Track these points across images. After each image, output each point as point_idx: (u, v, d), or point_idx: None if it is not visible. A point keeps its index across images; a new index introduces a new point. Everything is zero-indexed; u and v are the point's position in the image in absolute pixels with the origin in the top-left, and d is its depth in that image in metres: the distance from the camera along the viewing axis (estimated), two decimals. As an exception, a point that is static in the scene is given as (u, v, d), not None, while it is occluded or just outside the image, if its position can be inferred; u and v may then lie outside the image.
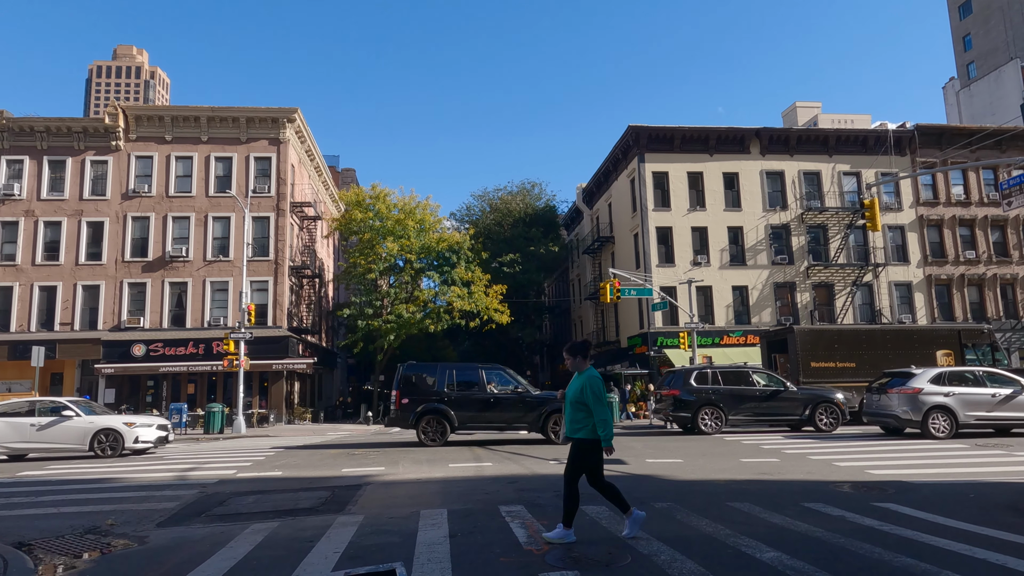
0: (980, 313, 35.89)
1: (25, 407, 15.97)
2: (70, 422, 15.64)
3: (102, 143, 32.56)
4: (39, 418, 15.56)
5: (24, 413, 15.76)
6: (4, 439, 15.34)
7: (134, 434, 15.79)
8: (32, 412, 15.77)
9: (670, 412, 18.47)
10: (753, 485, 9.22)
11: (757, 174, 36.05)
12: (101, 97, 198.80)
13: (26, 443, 15.45)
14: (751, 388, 18.24)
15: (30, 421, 15.50)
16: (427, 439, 15.81)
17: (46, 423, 15.51)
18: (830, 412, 17.76)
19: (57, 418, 15.60)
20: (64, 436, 15.54)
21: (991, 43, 56.32)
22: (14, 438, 15.40)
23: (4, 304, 31.09)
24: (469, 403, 16.14)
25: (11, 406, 16.13)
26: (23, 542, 6.51)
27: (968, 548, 5.54)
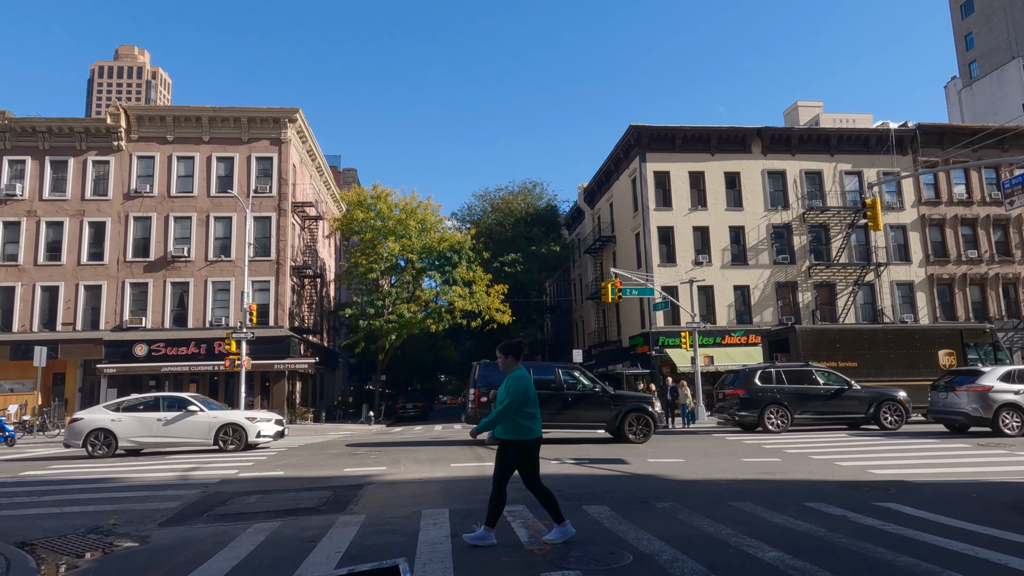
0: (982, 313, 35.82)
1: (151, 401, 16.29)
2: (195, 417, 15.92)
3: (104, 143, 32.60)
4: (165, 413, 15.86)
5: (150, 408, 16.04)
6: (132, 434, 15.64)
7: (256, 428, 16.12)
8: (157, 407, 16.08)
9: (735, 412, 18.31)
10: (755, 485, 9.21)
11: (759, 173, 36.01)
12: (103, 97, 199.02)
13: (153, 437, 15.75)
14: (815, 387, 18.19)
15: (156, 416, 15.79)
16: None
17: (172, 418, 15.80)
18: (894, 410, 17.72)
19: (183, 413, 15.88)
20: (190, 431, 15.81)
21: (993, 42, 56.21)
22: (142, 432, 15.70)
23: (6, 304, 31.14)
24: (547, 402, 15.84)
25: (136, 401, 16.47)
26: (26, 542, 6.52)
27: (970, 548, 5.53)
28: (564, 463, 12.06)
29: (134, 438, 15.63)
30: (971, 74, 57.94)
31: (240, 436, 15.92)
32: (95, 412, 16.10)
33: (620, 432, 15.92)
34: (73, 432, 15.61)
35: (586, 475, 10.50)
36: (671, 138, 35.58)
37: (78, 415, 16.10)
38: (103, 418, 15.69)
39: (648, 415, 16.01)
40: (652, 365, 32.91)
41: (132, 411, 15.91)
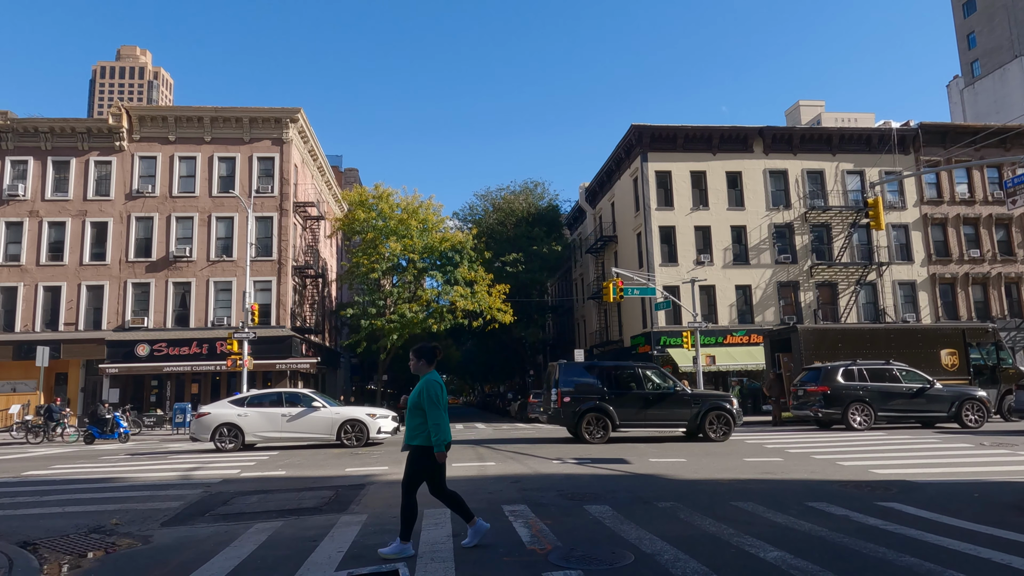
0: (985, 312, 35.77)
1: (273, 397, 16.56)
2: (318, 413, 16.12)
3: (106, 143, 32.65)
4: (289, 408, 16.13)
5: (273, 403, 16.30)
6: (258, 429, 15.91)
7: (377, 425, 16.29)
8: (280, 402, 16.33)
9: (819, 408, 18.34)
10: (756, 484, 9.21)
11: (760, 173, 35.98)
12: (105, 98, 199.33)
13: (278, 432, 16.00)
14: (898, 385, 18.28)
15: (281, 411, 16.06)
16: (590, 437, 15.87)
17: (296, 413, 16.04)
18: (976, 409, 17.76)
19: (307, 409, 16.14)
20: (313, 426, 16.04)
21: (995, 41, 56.12)
22: (267, 428, 15.97)
23: (9, 304, 31.20)
24: (629, 401, 16.20)
25: (259, 396, 16.73)
26: (28, 541, 6.54)
27: (973, 548, 5.53)
28: (565, 463, 12.06)
29: (259, 433, 15.96)
30: (973, 73, 57.85)
31: (362, 432, 16.16)
32: (221, 407, 16.30)
33: (701, 430, 16.06)
34: (201, 426, 15.90)
35: (588, 475, 10.50)
36: (673, 138, 35.55)
37: (204, 409, 16.42)
38: (230, 413, 15.96)
39: (728, 413, 16.11)
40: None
41: (256, 406, 16.21)
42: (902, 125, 38.56)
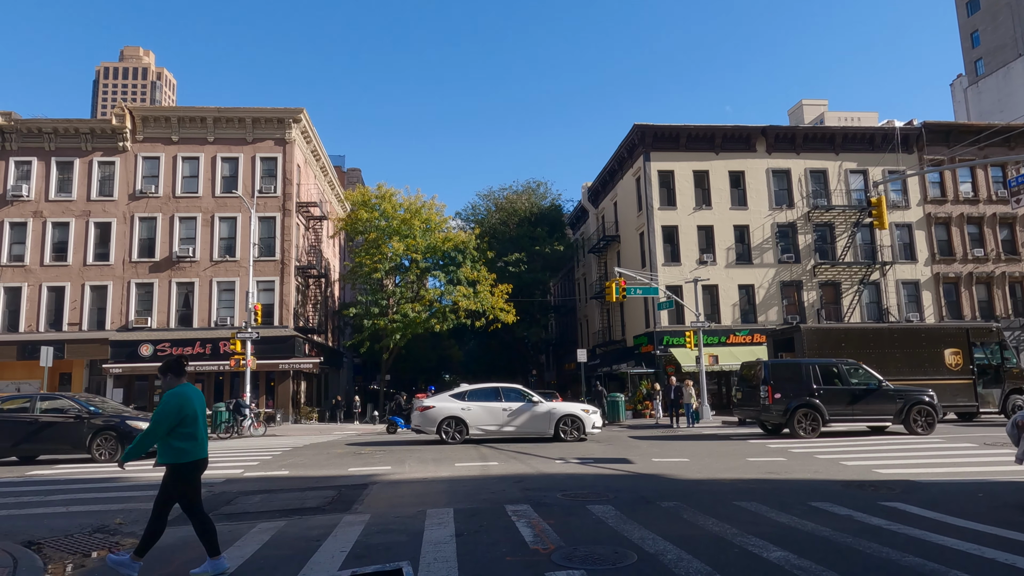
0: (989, 311, 35.66)
1: (489, 392, 17.01)
2: (537, 408, 16.50)
3: (109, 144, 32.72)
4: (509, 403, 16.58)
5: (491, 398, 16.74)
6: (481, 422, 16.39)
7: (591, 420, 16.63)
8: (499, 397, 16.79)
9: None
10: (760, 484, 9.20)
11: (763, 172, 35.92)
12: (108, 98, 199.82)
13: (499, 426, 16.42)
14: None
15: (502, 406, 16.52)
16: (803, 432, 16.29)
17: (516, 409, 16.48)
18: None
19: (526, 404, 16.59)
20: (532, 421, 16.44)
21: (999, 39, 55.96)
22: (489, 421, 16.45)
23: (13, 304, 31.29)
24: (837, 397, 16.62)
25: (477, 390, 17.15)
26: (32, 541, 6.56)
27: (977, 548, 5.51)
28: (568, 463, 12.06)
29: (482, 426, 16.41)
30: (977, 72, 57.70)
31: (578, 427, 16.42)
32: (444, 401, 16.79)
33: (907, 424, 16.48)
34: (427, 419, 16.47)
35: (591, 475, 10.49)
36: (675, 137, 35.51)
37: (428, 403, 16.93)
38: (454, 407, 16.49)
39: (931, 407, 16.57)
40: (656, 364, 32.85)
41: (476, 401, 16.67)
42: (905, 124, 38.47)
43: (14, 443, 14.16)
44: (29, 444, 14.30)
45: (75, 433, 14.14)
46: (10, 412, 14.64)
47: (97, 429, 14.12)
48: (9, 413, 14.60)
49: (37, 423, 14.25)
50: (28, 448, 14.43)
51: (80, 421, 14.18)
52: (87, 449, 14.06)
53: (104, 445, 14.09)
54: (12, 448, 14.27)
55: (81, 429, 14.14)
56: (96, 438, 14.09)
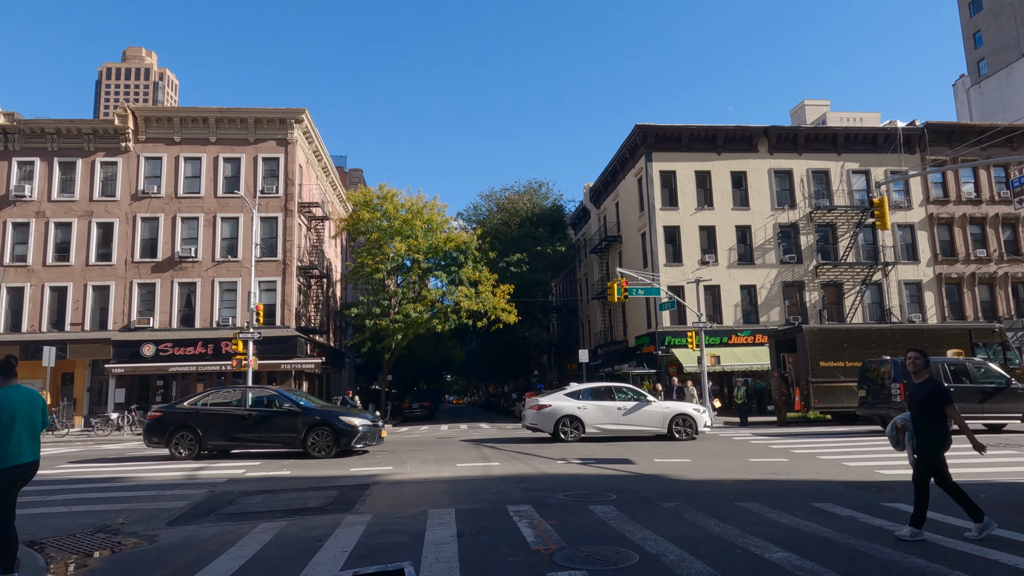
0: (991, 312, 35.59)
1: (602, 390, 17.21)
2: (650, 407, 16.66)
3: (112, 144, 32.77)
4: (624, 403, 16.77)
5: (604, 396, 16.97)
6: (597, 421, 16.49)
7: (703, 419, 16.81)
8: (612, 396, 16.93)
9: None
10: (762, 485, 9.19)
11: (765, 173, 35.89)
12: (111, 98, 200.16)
13: (615, 425, 16.53)
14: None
15: (617, 405, 16.69)
16: None
17: (631, 407, 16.63)
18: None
19: (640, 403, 16.74)
20: (646, 420, 16.57)
21: (1002, 39, 55.87)
22: (605, 420, 16.54)
23: (16, 304, 31.34)
24: (967, 394, 16.78)
25: (590, 389, 17.26)
26: (35, 540, 6.57)
27: (979, 549, 5.51)
28: (570, 463, 12.05)
29: (598, 425, 16.46)
30: (980, 72, 57.61)
31: (691, 426, 16.56)
32: (560, 400, 16.86)
33: None
34: (544, 418, 16.57)
35: (592, 475, 10.49)
36: (677, 137, 35.49)
37: (544, 402, 16.95)
38: (570, 406, 16.57)
39: None
40: (658, 365, 32.84)
41: (590, 400, 16.80)
42: (908, 124, 38.41)
43: (227, 436, 13.95)
44: (242, 437, 14.00)
45: (290, 427, 13.83)
46: (222, 404, 14.44)
47: (312, 424, 13.76)
48: (221, 406, 14.39)
49: (251, 417, 13.98)
50: (240, 441, 14.13)
51: (294, 415, 13.88)
52: (301, 444, 13.72)
53: (320, 441, 13.71)
54: (225, 441, 14.03)
55: (296, 423, 13.80)
56: (311, 433, 13.73)
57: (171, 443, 13.95)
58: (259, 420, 14.03)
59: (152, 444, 14.34)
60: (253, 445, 14.31)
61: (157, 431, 14.18)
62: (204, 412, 14.13)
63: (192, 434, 13.93)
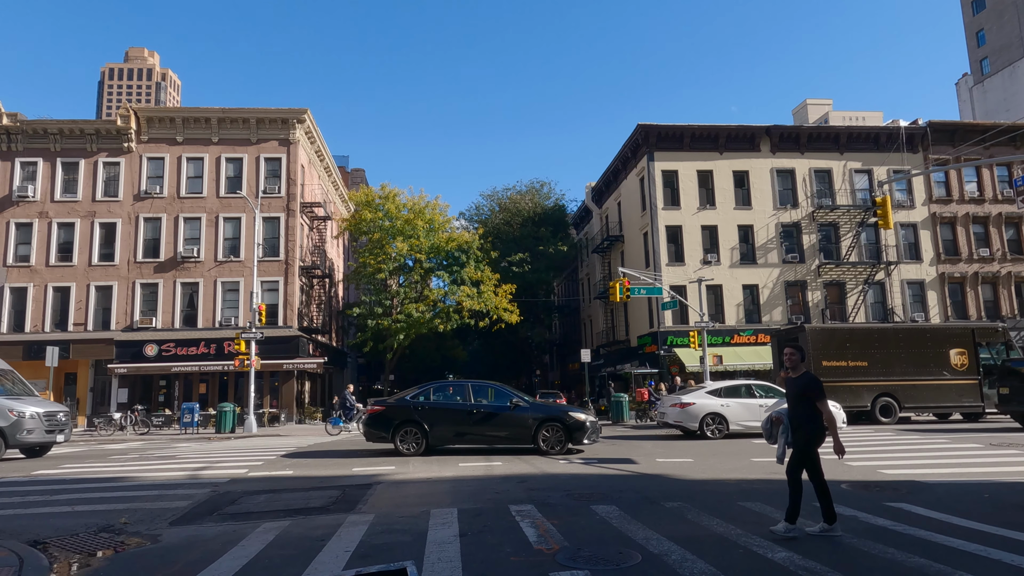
0: (994, 311, 35.51)
1: (742, 389, 17.41)
2: None
3: (114, 145, 32.84)
4: (765, 400, 16.99)
5: (744, 394, 17.25)
6: (739, 418, 16.80)
7: (841, 415, 16.75)
8: (751, 393, 17.29)
9: None
10: (764, 485, 9.17)
11: (767, 172, 35.85)
12: (113, 99, 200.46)
13: (756, 421, 16.66)
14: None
15: (758, 403, 16.94)
16: None
17: (771, 404, 16.72)
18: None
19: (780, 399, 16.66)
20: None
21: (1005, 38, 55.73)
22: (747, 417, 16.83)
23: (19, 305, 31.42)
24: None
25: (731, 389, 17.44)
26: (38, 540, 6.58)
27: (983, 548, 5.49)
28: (572, 463, 12.05)
29: (741, 422, 16.79)
30: (983, 71, 57.47)
31: None
32: (703, 398, 17.09)
33: None
34: (689, 415, 16.82)
35: (595, 475, 10.49)
36: (679, 137, 35.47)
37: (687, 400, 17.09)
38: (714, 403, 16.88)
39: None
40: (661, 365, 32.82)
41: (733, 397, 17.11)
42: (910, 124, 38.34)
43: (455, 432, 13.64)
44: (470, 433, 13.69)
45: (520, 423, 13.55)
46: (446, 400, 14.12)
47: (542, 420, 13.52)
48: (446, 401, 14.07)
49: (479, 412, 13.72)
50: (468, 438, 13.78)
51: (523, 411, 13.64)
52: (532, 440, 13.45)
53: (551, 436, 13.40)
54: (454, 436, 13.69)
55: (526, 419, 13.54)
56: (542, 429, 13.43)
57: (396, 438, 13.59)
58: (487, 416, 13.71)
59: (374, 439, 13.99)
60: (480, 441, 13.92)
61: (381, 425, 13.77)
62: (430, 407, 13.79)
63: (418, 429, 13.58)
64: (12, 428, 15.19)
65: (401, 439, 13.59)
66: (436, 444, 13.79)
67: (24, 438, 15.34)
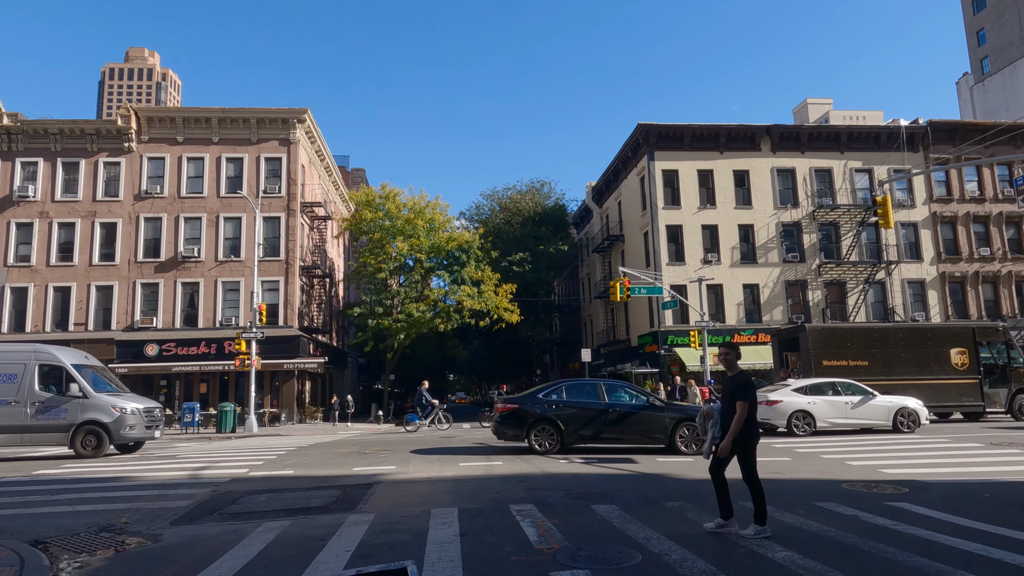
0: (995, 311, 35.50)
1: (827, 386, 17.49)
2: (875, 401, 17.09)
3: (115, 145, 32.85)
4: (850, 397, 17.14)
5: (832, 392, 17.30)
6: (826, 415, 16.91)
7: (923, 412, 17.15)
8: (837, 391, 17.33)
9: None
10: (764, 484, 9.14)
11: (768, 171, 35.84)
12: (113, 99, 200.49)
13: (843, 419, 16.94)
14: None
15: (843, 400, 17.10)
16: None
17: (857, 401, 17.03)
18: None
19: (865, 397, 17.14)
20: (872, 413, 17.02)
21: (1005, 37, 55.68)
22: (834, 414, 16.97)
23: (19, 305, 31.43)
24: None
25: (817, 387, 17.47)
26: (39, 540, 6.59)
27: (984, 548, 5.49)
28: (573, 462, 12.05)
29: (827, 419, 16.89)
30: (983, 70, 57.42)
31: (914, 420, 16.93)
32: (790, 396, 17.15)
33: None
34: (777, 413, 16.87)
35: (595, 474, 10.49)
36: (680, 136, 35.46)
37: (775, 397, 17.24)
38: (801, 401, 17.01)
39: None
40: (661, 364, 32.82)
41: (818, 395, 17.18)
42: (911, 123, 38.32)
43: (591, 431, 13.39)
44: (606, 433, 13.45)
45: (656, 423, 13.27)
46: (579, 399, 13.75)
47: (679, 419, 13.19)
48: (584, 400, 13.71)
49: (614, 411, 13.41)
50: (603, 437, 13.51)
51: (659, 410, 13.38)
52: (668, 440, 13.14)
53: (689, 436, 13.10)
54: (590, 435, 13.45)
55: (663, 419, 13.24)
56: (679, 428, 13.14)
57: (530, 436, 13.39)
58: (623, 415, 13.44)
59: (506, 437, 13.82)
60: (615, 440, 13.69)
61: (515, 423, 13.55)
62: (565, 405, 13.58)
63: (553, 428, 13.39)
64: (116, 424, 15.45)
65: (535, 437, 13.40)
66: (571, 443, 13.54)
67: (127, 434, 15.61)
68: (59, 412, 15.37)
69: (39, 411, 15.35)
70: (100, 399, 15.61)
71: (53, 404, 15.40)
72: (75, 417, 15.35)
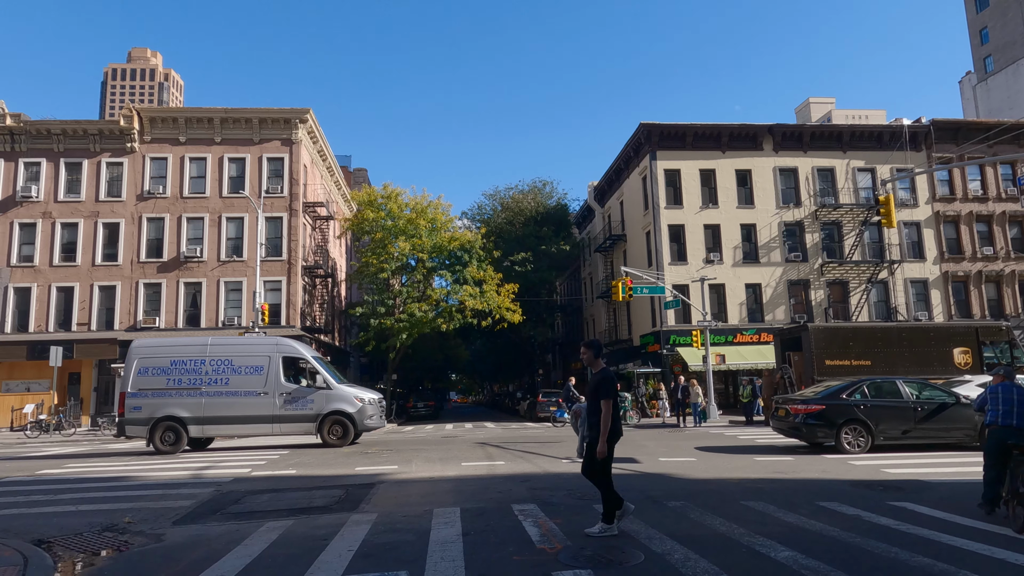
0: (998, 310, 35.40)
1: None
2: None
3: (117, 145, 32.91)
4: None
5: None
6: None
7: None
8: None
9: None
10: (767, 484, 9.17)
11: (770, 171, 35.78)
12: (116, 99, 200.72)
13: None
14: None
15: None
16: None
17: None
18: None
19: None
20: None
21: (1008, 36, 55.53)
22: None
23: (23, 305, 31.51)
24: None
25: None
26: (43, 539, 6.60)
27: (987, 548, 5.48)
28: (575, 462, 12.04)
29: None
30: (986, 69, 57.28)
31: None
32: None
33: None
34: None
35: (597, 474, 10.47)
36: (682, 136, 35.42)
37: None
38: None
39: None
40: (663, 364, 32.79)
41: None
42: (914, 122, 38.23)
43: (901, 430, 12.96)
44: (915, 431, 12.90)
45: (966, 420, 12.69)
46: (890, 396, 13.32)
47: None
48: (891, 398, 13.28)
49: (923, 409, 12.93)
50: (913, 436, 12.94)
51: (965, 407, 12.72)
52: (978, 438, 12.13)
53: None
54: (900, 435, 12.98)
55: (972, 415, 12.40)
56: None
57: (840, 436, 12.79)
58: (931, 412, 12.97)
59: (815, 439, 13.11)
60: (924, 438, 13.11)
61: (824, 424, 12.88)
62: (872, 405, 13.05)
63: (863, 427, 12.96)
64: (359, 415, 16.04)
65: (845, 436, 12.93)
66: (881, 443, 13.07)
67: (367, 423, 16.17)
68: (306, 403, 16.02)
69: (287, 401, 16.00)
70: (343, 390, 16.26)
71: (300, 395, 16.07)
72: (322, 407, 15.99)
